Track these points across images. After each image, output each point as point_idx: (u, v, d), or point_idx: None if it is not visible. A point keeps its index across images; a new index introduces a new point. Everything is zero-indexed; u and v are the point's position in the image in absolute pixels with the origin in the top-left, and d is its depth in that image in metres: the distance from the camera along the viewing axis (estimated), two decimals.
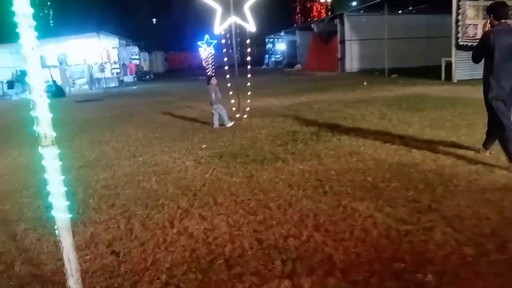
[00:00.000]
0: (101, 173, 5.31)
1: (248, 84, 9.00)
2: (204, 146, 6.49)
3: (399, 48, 20.88)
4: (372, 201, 3.70)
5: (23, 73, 23.20)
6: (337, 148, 5.71)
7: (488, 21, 4.71)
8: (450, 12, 14.01)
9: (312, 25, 28.60)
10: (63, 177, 2.05)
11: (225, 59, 9.01)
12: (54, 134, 1.97)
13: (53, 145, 1.95)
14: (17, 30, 1.77)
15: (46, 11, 56.28)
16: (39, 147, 1.97)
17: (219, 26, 8.46)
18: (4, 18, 38.96)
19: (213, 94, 7.98)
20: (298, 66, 30.25)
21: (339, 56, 23.92)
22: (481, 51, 4.61)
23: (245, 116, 8.90)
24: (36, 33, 1.84)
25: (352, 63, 23.17)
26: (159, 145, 6.80)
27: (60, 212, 1.98)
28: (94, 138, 7.92)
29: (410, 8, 20.75)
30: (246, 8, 8.48)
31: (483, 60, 4.60)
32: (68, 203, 2.03)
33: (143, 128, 8.68)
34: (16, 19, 1.75)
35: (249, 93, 9.17)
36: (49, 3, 57.97)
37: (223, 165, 5.23)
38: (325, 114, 8.71)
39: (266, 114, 9.34)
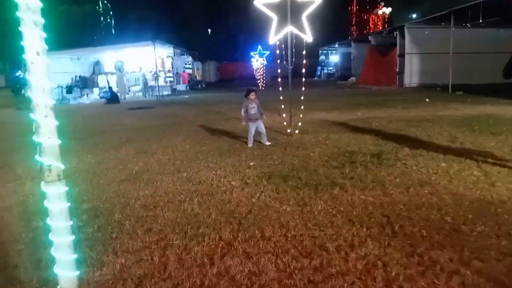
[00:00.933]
0: (142, 189, 4.96)
1: (302, 97, 8.44)
2: (252, 163, 6.00)
3: (463, 63, 19.49)
4: (455, 250, 3.00)
5: (81, 79, 24.22)
6: (404, 176, 4.99)
7: None
8: None
9: (369, 37, 27.56)
10: (72, 219, 1.57)
11: (279, 70, 8.50)
12: (62, 166, 1.50)
13: (60, 181, 1.48)
14: (19, 28, 1.34)
15: (108, 20, 59.07)
16: (42, 183, 1.49)
17: (274, 35, 8.01)
18: (66, 25, 41.49)
19: (252, 110, 7.34)
20: (353, 79, 29.30)
21: (397, 70, 22.76)
22: None
23: (297, 131, 8.34)
24: (44, 34, 1.39)
25: (411, 77, 21.93)
26: (205, 160, 6.40)
27: (65, 269, 1.51)
28: (141, 148, 7.69)
29: (480, 21, 19.24)
30: (304, 17, 7.98)
31: None
32: (75, 256, 1.55)
33: (190, 139, 8.37)
34: (18, 14, 1.32)
35: (302, 107, 8.60)
36: (111, 12, 60.70)
37: (272, 188, 4.70)
38: (385, 133, 7.95)
39: (319, 130, 8.72)
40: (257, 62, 31.83)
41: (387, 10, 55.16)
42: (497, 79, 21.64)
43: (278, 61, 8.33)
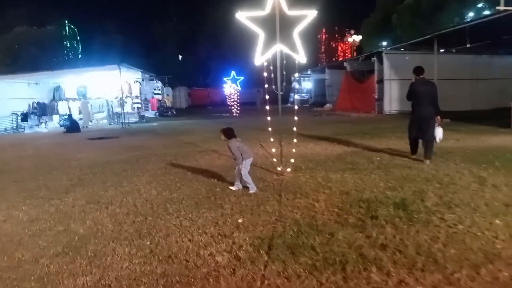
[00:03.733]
0: (83, 271, 3.34)
1: (294, 128, 7.05)
2: (240, 220, 4.49)
3: (445, 89, 18.85)
4: None
5: (40, 106, 22.13)
6: (455, 242, 3.62)
7: None
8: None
9: (345, 63, 26.98)
10: None
11: (267, 96, 7.11)
12: None
13: None
14: None
15: (72, 43, 56.94)
16: None
17: (261, 55, 6.66)
18: (22, 47, 38.96)
19: (236, 152, 5.85)
20: (329, 105, 28.51)
21: (376, 96, 22.00)
22: None
23: (289, 169, 6.92)
24: None
25: (391, 104, 21.16)
26: (177, 214, 4.84)
27: None
28: (93, 195, 6.02)
29: (468, 45, 18.80)
30: (295, 34, 6.70)
31: None
32: None
33: (158, 181, 6.77)
34: None
35: (294, 140, 7.21)
36: (78, 37, 58.76)
37: (278, 270, 3.20)
38: (395, 172, 6.64)
39: (314, 167, 7.33)
40: (230, 88, 30.72)
41: (357, 38, 55.87)
42: (478, 105, 21.28)
43: (266, 85, 6.94)
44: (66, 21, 53.06)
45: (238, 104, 26.52)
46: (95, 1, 65.76)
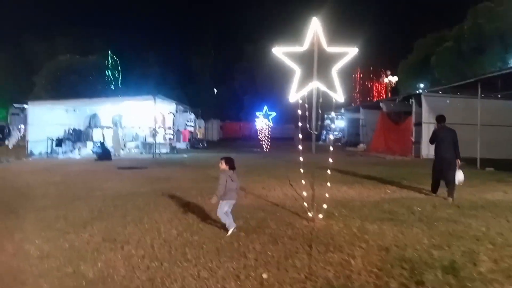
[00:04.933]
0: None
1: (329, 171, 6.55)
2: (265, 276, 3.98)
3: (488, 136, 17.87)
4: None
5: (75, 132, 22.62)
6: None
7: None
8: None
9: (381, 104, 26.35)
10: None
11: (300, 135, 6.69)
12: None
13: None
14: None
15: (116, 74, 59.17)
16: None
17: (296, 92, 6.31)
18: (64, 75, 40.61)
19: (221, 186, 5.50)
20: (362, 145, 27.73)
21: (413, 139, 21.15)
22: None
23: (321, 215, 6.36)
24: None
25: (429, 148, 20.18)
26: (195, 262, 4.39)
27: None
28: (111, 231, 5.67)
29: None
30: (334, 71, 6.34)
31: None
32: None
33: (180, 219, 6.37)
34: None
35: (328, 184, 6.69)
36: (119, 67, 61.08)
37: None
38: (440, 226, 5.97)
39: (348, 214, 6.75)
40: (262, 122, 30.64)
41: (393, 79, 55.20)
42: None
43: (300, 124, 6.55)
44: (109, 52, 55.34)
45: (269, 140, 26.25)
46: (138, 33, 68.61)
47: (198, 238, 5.32)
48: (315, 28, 6.32)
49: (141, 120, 23.85)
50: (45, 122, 20.69)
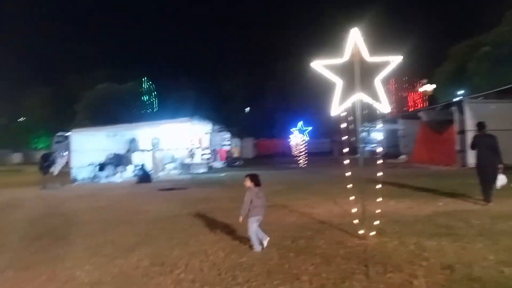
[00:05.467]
0: None
1: (379, 185, 6.26)
2: None
3: None
4: None
5: (116, 156, 23.22)
6: None
7: None
8: None
9: (420, 113, 25.53)
10: None
11: (346, 149, 6.46)
12: None
13: None
14: None
15: (152, 99, 60.91)
16: None
17: (339, 105, 6.11)
18: (102, 102, 42.47)
19: (247, 204, 5.66)
20: (404, 157, 26.84)
21: (458, 148, 20.23)
22: None
23: (373, 233, 6.05)
24: None
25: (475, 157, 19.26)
26: (247, 285, 4.22)
27: None
28: (158, 255, 5.60)
29: None
30: (377, 81, 6.11)
31: None
32: None
33: (225, 241, 6.24)
34: None
35: (379, 199, 6.38)
36: (155, 92, 62.87)
37: None
38: (504, 240, 5.51)
39: (401, 230, 6.38)
40: (296, 138, 30.39)
41: (430, 87, 53.68)
42: None
43: (346, 137, 6.33)
44: (144, 78, 57.25)
45: (306, 155, 25.92)
46: (172, 59, 70.94)
47: (246, 260, 5.15)
48: (355, 39, 6.15)
49: (179, 141, 24.28)
50: (87, 148, 21.39)
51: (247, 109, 66.47)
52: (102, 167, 21.14)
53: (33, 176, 21.01)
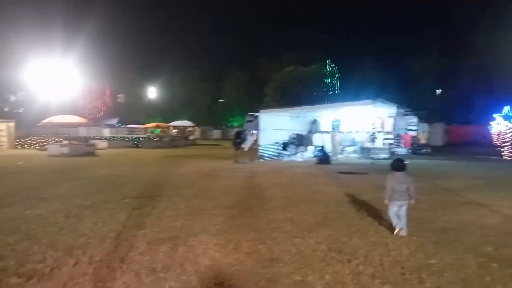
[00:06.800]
0: None
1: None
2: None
3: None
4: None
5: (298, 136, 24.16)
6: None
7: None
8: None
9: None
10: None
11: None
12: None
13: None
14: None
15: (334, 81, 61.22)
16: None
17: None
18: (289, 85, 44.74)
19: (388, 188, 5.82)
20: None
21: None
22: None
23: None
24: None
25: None
26: None
27: None
28: (336, 240, 5.42)
29: None
30: None
31: None
32: None
33: (410, 237, 5.63)
34: None
35: None
36: (337, 75, 62.88)
37: None
38: None
39: None
40: (500, 125, 26.05)
41: None
42: None
43: None
44: (328, 61, 57.71)
45: (511, 146, 21.91)
46: (356, 40, 69.43)
47: (435, 262, 4.52)
48: None
49: (360, 124, 23.69)
50: (273, 127, 22.84)
51: (438, 91, 60.23)
52: (285, 146, 22.31)
53: (227, 151, 23.70)
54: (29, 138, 30.41)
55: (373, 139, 21.97)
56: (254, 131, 22.71)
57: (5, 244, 5.19)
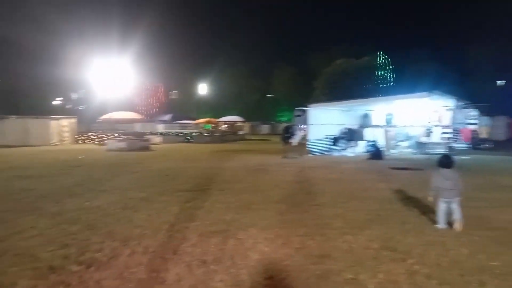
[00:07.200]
0: None
1: None
2: None
3: None
4: None
5: (349, 131, 23.63)
6: None
7: None
8: None
9: None
10: None
11: None
12: None
13: None
14: None
15: (387, 74, 59.28)
16: None
17: None
18: (338, 78, 43.67)
19: (433, 184, 5.75)
20: None
21: None
22: None
23: None
24: None
25: None
26: None
27: None
28: (390, 239, 5.24)
29: None
30: None
31: None
32: None
33: (469, 236, 5.32)
34: None
35: None
36: (390, 66, 60.77)
37: None
38: None
39: None
40: None
41: None
42: None
43: None
44: (380, 52, 55.95)
45: None
46: (409, 30, 66.64)
47: (499, 265, 4.24)
48: None
49: (414, 118, 22.73)
50: (323, 122, 22.50)
51: (501, 82, 56.40)
52: (335, 140, 21.92)
53: (276, 145, 23.71)
54: (89, 134, 32.24)
55: (429, 133, 21.02)
56: (303, 126, 22.51)
57: (68, 233, 5.53)
